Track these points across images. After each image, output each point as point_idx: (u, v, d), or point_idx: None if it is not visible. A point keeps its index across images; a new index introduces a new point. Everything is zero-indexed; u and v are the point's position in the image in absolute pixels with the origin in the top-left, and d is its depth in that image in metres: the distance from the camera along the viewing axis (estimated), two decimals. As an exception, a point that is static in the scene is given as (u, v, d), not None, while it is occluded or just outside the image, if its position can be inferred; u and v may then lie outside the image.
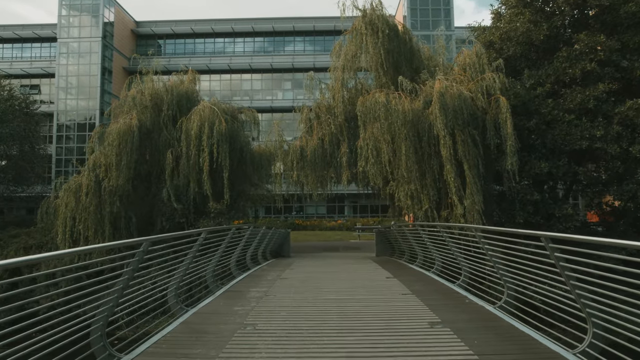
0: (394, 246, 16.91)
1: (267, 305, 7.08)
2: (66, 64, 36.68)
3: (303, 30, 41.90)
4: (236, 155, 18.90)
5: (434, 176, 13.53)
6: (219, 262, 9.80)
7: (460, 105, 12.97)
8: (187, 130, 17.63)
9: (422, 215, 13.66)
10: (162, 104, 18.72)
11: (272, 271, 11.57)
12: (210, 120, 17.50)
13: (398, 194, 14.15)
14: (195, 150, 17.35)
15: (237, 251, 10.98)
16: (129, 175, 17.49)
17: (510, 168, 12.68)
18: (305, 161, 15.71)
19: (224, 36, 42.93)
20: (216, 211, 16.41)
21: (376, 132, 13.77)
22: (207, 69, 40.72)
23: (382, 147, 13.72)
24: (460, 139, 12.95)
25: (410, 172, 13.59)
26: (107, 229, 16.87)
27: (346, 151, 15.69)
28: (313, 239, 28.42)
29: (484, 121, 13.46)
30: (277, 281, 9.57)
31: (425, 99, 14.10)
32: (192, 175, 17.43)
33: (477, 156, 13.01)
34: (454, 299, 7.40)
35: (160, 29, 42.45)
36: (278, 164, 16.15)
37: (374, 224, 33.71)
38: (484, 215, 13.32)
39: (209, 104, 18.26)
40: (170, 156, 17.44)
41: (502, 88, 13.13)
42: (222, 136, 17.29)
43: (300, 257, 17.53)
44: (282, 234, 18.57)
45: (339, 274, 10.70)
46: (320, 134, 16.02)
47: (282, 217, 36.74)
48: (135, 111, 18.22)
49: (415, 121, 13.76)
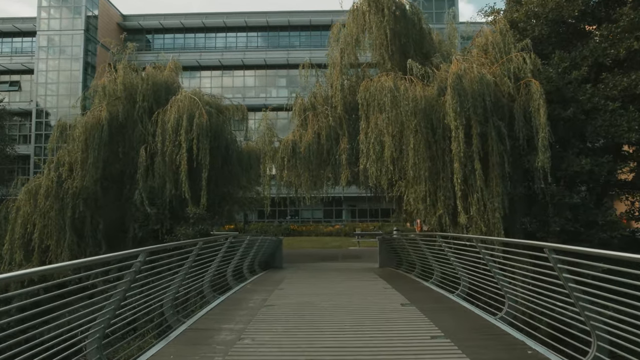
0: (401, 256, 14.73)
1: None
2: (46, 58, 34.40)
3: (298, 24, 39.80)
4: (220, 153, 16.71)
5: (449, 176, 11.37)
6: (186, 284, 7.62)
7: (481, 90, 10.83)
8: (163, 124, 15.42)
9: (436, 222, 11.49)
10: (138, 95, 16.49)
11: (257, 292, 9.35)
12: (189, 111, 15.29)
13: (407, 197, 11.98)
14: (171, 147, 15.14)
15: (212, 269, 8.76)
16: (96, 175, 15.26)
17: (541, 166, 10.53)
18: (298, 158, 13.50)
19: (216, 31, 40.77)
20: (196, 216, 14.17)
21: (381, 123, 11.60)
22: (197, 65, 38.54)
23: (386, 140, 11.55)
24: (479, 131, 10.80)
25: (420, 170, 11.42)
26: (69, 236, 14.59)
27: (346, 147, 13.51)
28: (309, 246, 26.21)
29: (510, 110, 11.33)
30: (261, 311, 7.35)
31: (440, 85, 11.96)
32: (168, 175, 15.21)
33: (502, 152, 10.87)
34: (511, 347, 5.21)
35: (148, 23, 40.25)
36: (267, 163, 13.91)
37: (374, 229, 31.53)
38: (509, 222, 11.19)
39: (189, 93, 16.07)
40: (144, 153, 15.21)
41: (533, 70, 11.00)
42: (203, 130, 15.09)
43: (294, 270, 15.33)
44: (273, 243, 16.35)
45: (340, 298, 8.48)
46: (316, 127, 13.83)
47: (275, 221, 34.47)
48: (106, 102, 15.99)
49: (428, 110, 11.61)
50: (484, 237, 8.67)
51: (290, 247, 25.42)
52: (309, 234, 31.22)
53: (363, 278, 11.89)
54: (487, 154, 11.14)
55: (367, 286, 10.20)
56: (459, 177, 10.56)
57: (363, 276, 12.47)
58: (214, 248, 9.00)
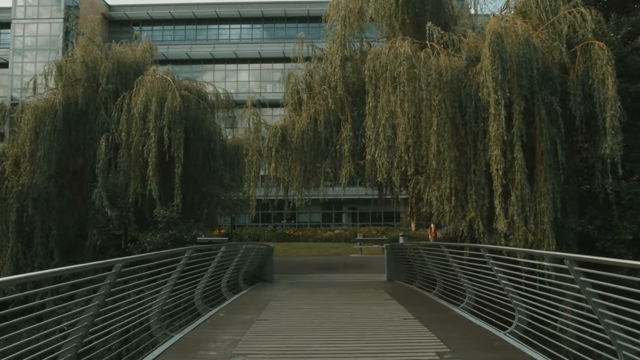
0: (415, 269, 12.15)
1: None
2: (22, 49, 31.81)
3: (295, 15, 37.31)
4: (201, 146, 14.18)
5: (483, 168, 8.82)
6: (134, 317, 5.16)
7: (527, 55, 8.28)
8: (129, 109, 12.86)
9: (466, 228, 8.92)
10: (101, 77, 13.91)
11: (229, 327, 6.71)
12: (160, 94, 12.74)
13: (428, 196, 9.42)
14: (138, 136, 12.58)
15: (163, 295, 6.17)
16: (49, 170, 12.71)
17: (609, 153, 7.98)
18: (288, 149, 10.91)
19: (207, 22, 38.32)
20: (165, 220, 11.58)
21: (394, 101, 9.04)
22: (187, 58, 36.09)
23: (400, 123, 8.99)
24: (522, 109, 8.26)
25: (445, 161, 8.90)
26: (13, 245, 11.99)
27: (349, 135, 10.94)
28: (306, 253, 23.58)
29: (562, 84, 8.79)
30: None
31: (469, 55, 9.44)
32: (134, 170, 12.66)
33: (554, 136, 8.32)
34: None
35: (136, 14, 37.75)
36: (252, 155, 11.32)
37: (377, 234, 28.90)
38: (559, 228, 8.63)
39: (161, 73, 13.50)
40: (105, 144, 12.64)
41: (595, 30, 8.46)
42: (176, 116, 12.55)
43: (286, 284, 12.73)
44: (262, 252, 13.74)
45: (345, 340, 5.84)
46: (312, 111, 11.25)
47: (270, 226, 31.84)
48: (62, 84, 13.42)
49: (455, 85, 9.09)
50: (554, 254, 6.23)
51: (284, 254, 22.81)
52: (306, 240, 28.56)
53: (372, 299, 9.28)
54: (532, 140, 8.61)
55: (381, 315, 7.58)
56: (499, 168, 8.00)
57: (371, 296, 9.86)
58: (172, 264, 6.44)
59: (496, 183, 8.10)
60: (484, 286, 7.12)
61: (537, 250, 6.01)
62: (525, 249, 7.17)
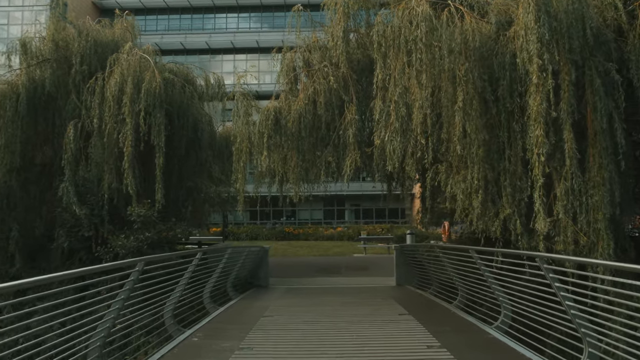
0: (430, 274, 10.54)
1: None
2: (6, 38, 30.17)
3: (295, 3, 35.45)
4: (186, 135, 12.59)
5: (520, 154, 7.17)
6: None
7: (579, 11, 6.61)
8: (102, 92, 11.24)
9: (499, 227, 7.27)
10: (74, 57, 12.29)
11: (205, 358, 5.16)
12: (138, 75, 11.11)
13: (451, 189, 7.77)
14: (112, 123, 10.97)
15: (108, 320, 4.56)
16: (12, 163, 11.17)
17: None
18: (283, 135, 9.27)
19: (203, 11, 36.66)
20: (141, 219, 9.96)
21: (407, 72, 7.39)
22: (181, 48, 34.45)
23: (416, 99, 7.34)
24: (572, 79, 6.60)
25: (472, 145, 7.26)
26: (-34, 248, 10.42)
27: (354, 119, 9.27)
28: (306, 253, 22.00)
29: (618, 49, 7.11)
30: None
31: (499, 19, 7.78)
32: (107, 162, 11.07)
33: (611, 112, 6.66)
34: None
35: (127, 2, 35.96)
36: (242, 143, 9.68)
37: (382, 232, 27.29)
38: (616, 225, 6.99)
39: (140, 51, 11.86)
40: (73, 131, 11.03)
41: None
42: (156, 99, 10.93)
43: (282, 292, 11.17)
44: (256, 254, 12.15)
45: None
46: (310, 90, 9.60)
47: (269, 223, 30.25)
48: (26, 65, 11.82)
49: (485, 53, 7.44)
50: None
51: (283, 254, 21.24)
52: (307, 238, 26.98)
53: (384, 314, 7.65)
54: (582, 118, 6.95)
55: (398, 339, 5.93)
56: (541, 152, 6.35)
57: (382, 308, 8.24)
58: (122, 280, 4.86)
59: (536, 171, 6.46)
60: (529, 303, 5.51)
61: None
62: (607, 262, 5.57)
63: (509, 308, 6.33)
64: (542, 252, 6.80)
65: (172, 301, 6.54)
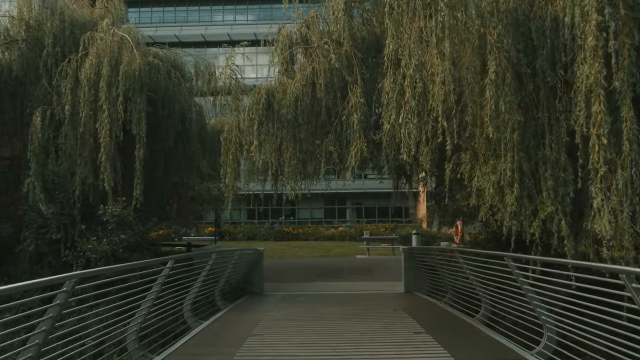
0: (445, 281, 9.25)
1: None
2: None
3: (295, -8, 34.26)
4: (172, 125, 11.32)
5: (564, 139, 5.88)
6: None
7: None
8: (75, 75, 9.97)
9: (538, 229, 5.97)
10: (46, 38, 11.02)
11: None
12: (114, 55, 9.84)
13: (478, 183, 6.48)
14: (87, 110, 9.69)
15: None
16: (-27, 155, 9.84)
17: None
18: (277, 121, 7.98)
19: (199, 3, 35.40)
20: (115, 220, 8.67)
21: (427, 40, 6.10)
22: (176, 41, 32.97)
23: (437, 71, 6.02)
24: (635, 42, 5.31)
25: (503, 129, 5.97)
26: None
27: (359, 102, 7.98)
28: (306, 254, 20.73)
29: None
30: None
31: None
32: (81, 154, 9.80)
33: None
34: None
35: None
36: (231, 132, 8.40)
37: (385, 232, 26.03)
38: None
39: (120, 31, 10.58)
40: (40, 119, 9.73)
41: None
42: (136, 83, 9.66)
43: (277, 300, 9.89)
44: (250, 258, 10.88)
45: None
46: (308, 70, 8.31)
47: (267, 222, 28.97)
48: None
49: (519, 18, 6.16)
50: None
51: (282, 255, 20.00)
52: (307, 238, 25.72)
53: (397, 333, 6.36)
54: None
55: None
56: (602, 133, 5.06)
57: (394, 324, 6.96)
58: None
59: (595, 157, 5.16)
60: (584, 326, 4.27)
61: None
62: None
63: (554, 330, 5.10)
64: (595, 260, 5.56)
65: (137, 320, 5.28)
